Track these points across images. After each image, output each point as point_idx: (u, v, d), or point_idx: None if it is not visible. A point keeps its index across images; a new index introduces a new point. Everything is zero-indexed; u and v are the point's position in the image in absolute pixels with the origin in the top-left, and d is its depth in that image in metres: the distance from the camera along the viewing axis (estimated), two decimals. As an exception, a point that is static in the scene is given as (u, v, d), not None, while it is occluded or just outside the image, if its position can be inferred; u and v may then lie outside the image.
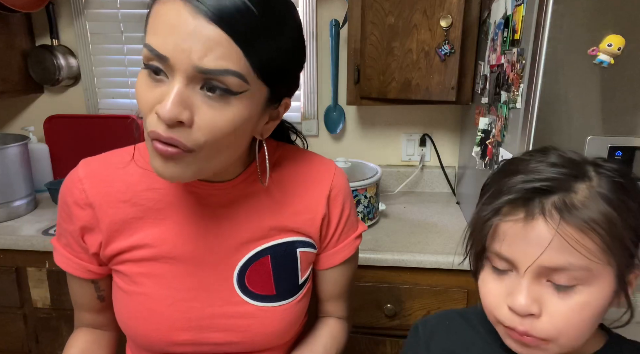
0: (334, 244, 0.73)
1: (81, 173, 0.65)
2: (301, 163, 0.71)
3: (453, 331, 0.62)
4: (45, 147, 1.65)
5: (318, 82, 1.63)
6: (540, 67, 0.79)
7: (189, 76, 0.49)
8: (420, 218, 1.41)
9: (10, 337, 1.35)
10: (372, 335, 1.22)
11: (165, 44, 0.48)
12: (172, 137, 0.50)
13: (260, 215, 0.67)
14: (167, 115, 0.48)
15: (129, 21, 1.65)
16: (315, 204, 0.69)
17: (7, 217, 1.36)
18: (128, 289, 0.65)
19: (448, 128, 1.63)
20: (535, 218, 0.46)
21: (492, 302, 0.51)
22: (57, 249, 0.69)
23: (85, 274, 0.68)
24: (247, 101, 0.52)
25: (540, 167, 0.49)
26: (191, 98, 0.50)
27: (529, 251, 0.47)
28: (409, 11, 1.25)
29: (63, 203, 0.66)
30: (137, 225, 0.64)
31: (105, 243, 0.65)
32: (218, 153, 0.55)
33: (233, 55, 0.49)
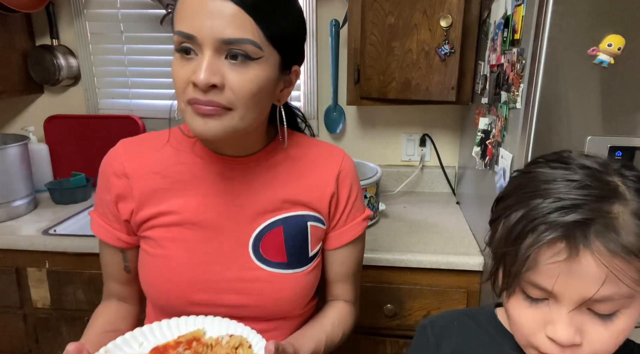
0: (343, 223, 0.79)
1: (120, 149, 0.75)
2: (313, 147, 0.80)
3: (462, 331, 0.62)
4: (45, 147, 1.65)
5: (318, 82, 1.63)
6: (540, 67, 0.79)
7: (214, 48, 0.59)
8: (420, 218, 1.41)
9: (10, 337, 1.35)
10: (372, 335, 1.22)
11: (192, 26, 0.59)
12: (210, 100, 0.60)
13: (275, 189, 0.75)
14: (203, 80, 0.59)
15: (129, 21, 1.65)
16: (324, 182, 0.77)
17: (7, 217, 1.36)
18: (154, 252, 0.73)
19: (448, 128, 1.63)
20: (581, 253, 0.44)
21: (526, 329, 0.49)
22: (94, 218, 0.78)
23: (116, 242, 0.76)
24: (263, 65, 0.63)
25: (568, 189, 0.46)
26: (219, 66, 0.60)
27: (573, 285, 0.45)
28: (409, 11, 1.25)
29: (103, 174, 0.75)
30: (165, 195, 0.73)
31: (137, 210, 0.73)
32: (249, 112, 0.64)
33: (247, 26, 0.59)
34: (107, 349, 0.64)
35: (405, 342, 1.21)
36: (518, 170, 0.55)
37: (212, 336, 0.66)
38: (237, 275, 0.73)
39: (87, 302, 1.28)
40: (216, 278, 0.72)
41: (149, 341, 0.67)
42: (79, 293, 1.28)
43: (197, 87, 0.60)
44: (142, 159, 0.74)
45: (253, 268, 0.73)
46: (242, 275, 0.73)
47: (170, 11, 1.48)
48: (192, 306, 0.72)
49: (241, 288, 0.72)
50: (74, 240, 1.23)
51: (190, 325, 0.68)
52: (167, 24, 1.53)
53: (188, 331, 0.68)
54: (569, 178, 0.47)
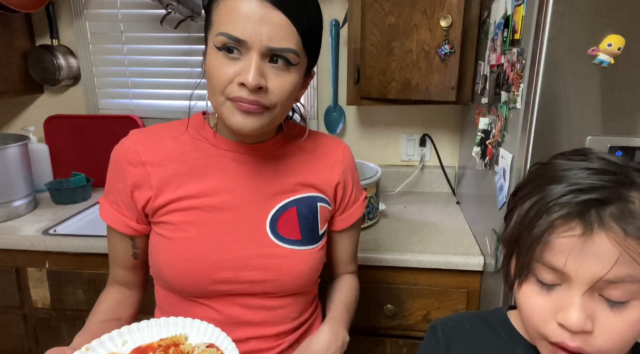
0: (350, 206, 0.88)
1: (133, 138, 0.77)
2: (316, 137, 0.87)
3: (474, 334, 0.61)
4: (45, 147, 1.65)
5: (318, 82, 1.63)
6: (540, 67, 0.79)
7: (261, 53, 0.64)
8: (420, 218, 1.41)
9: (10, 337, 1.35)
10: (372, 335, 1.22)
11: (243, 31, 0.63)
12: (255, 100, 0.66)
13: (287, 173, 0.81)
14: (253, 82, 0.64)
15: (129, 21, 1.65)
16: (330, 168, 0.84)
17: (7, 217, 1.36)
18: (173, 236, 0.75)
19: (448, 128, 1.63)
20: (596, 232, 0.44)
21: (537, 318, 0.49)
22: (104, 205, 0.79)
23: (126, 229, 0.78)
24: (298, 70, 0.70)
25: (586, 174, 0.46)
26: (264, 69, 0.66)
27: (588, 265, 0.44)
28: (409, 11, 1.25)
29: (116, 164, 0.77)
30: (183, 180, 0.76)
31: (155, 196, 0.76)
32: (283, 110, 0.71)
33: (292, 36, 0.65)
34: (88, 347, 0.64)
35: (405, 342, 1.21)
36: (537, 162, 0.55)
37: (191, 343, 0.68)
38: (257, 252, 0.77)
39: (87, 302, 1.28)
40: (237, 256, 0.76)
41: (134, 340, 0.68)
42: (79, 293, 1.28)
43: (244, 86, 0.64)
44: (158, 147, 0.77)
45: (271, 245, 0.77)
46: (262, 251, 0.77)
47: (170, 11, 1.48)
48: (216, 285, 0.76)
49: (261, 264, 0.76)
50: (74, 240, 1.23)
51: (179, 327, 0.70)
52: (168, 24, 1.53)
53: (173, 333, 0.69)
54: (587, 166, 0.47)
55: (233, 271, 0.76)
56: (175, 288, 0.78)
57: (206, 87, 0.71)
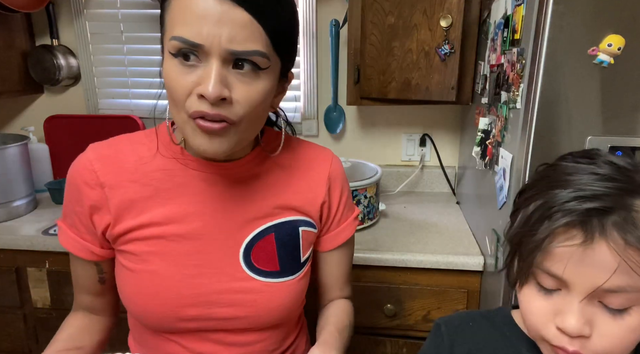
0: (336, 225, 0.78)
1: (90, 155, 0.69)
2: (300, 149, 0.77)
3: (478, 332, 0.61)
4: (45, 147, 1.65)
5: (318, 82, 1.63)
6: (540, 67, 0.79)
7: (222, 58, 0.55)
8: (420, 218, 1.41)
9: (10, 337, 1.35)
10: (372, 335, 1.22)
11: (199, 33, 0.54)
12: (218, 113, 0.56)
13: (264, 194, 0.72)
14: (213, 93, 0.54)
15: (129, 21, 1.65)
16: (315, 186, 0.75)
17: (7, 217, 1.36)
18: (135, 267, 0.68)
19: (448, 128, 1.63)
20: (596, 241, 0.44)
21: (537, 320, 0.49)
22: (63, 229, 0.71)
23: (89, 255, 0.71)
24: (270, 74, 0.60)
25: (591, 181, 0.46)
26: (227, 77, 0.56)
27: (587, 274, 0.44)
28: (409, 11, 1.25)
29: (72, 184, 0.69)
30: (145, 205, 0.67)
31: (114, 223, 0.68)
32: (253, 124, 0.62)
33: (257, 36, 0.56)
34: None
35: (405, 342, 1.21)
36: (544, 163, 0.55)
37: None
38: (228, 286, 0.69)
39: (87, 302, 1.28)
40: (206, 290, 0.68)
41: None
42: (79, 293, 1.28)
43: (203, 98, 0.56)
44: (118, 165, 0.68)
45: (245, 279, 0.70)
46: (234, 286, 0.69)
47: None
48: (182, 322, 0.69)
49: (233, 300, 0.69)
50: (74, 240, 1.23)
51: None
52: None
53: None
54: (593, 171, 0.47)
55: (201, 308, 0.68)
56: (141, 321, 0.71)
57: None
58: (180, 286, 0.67)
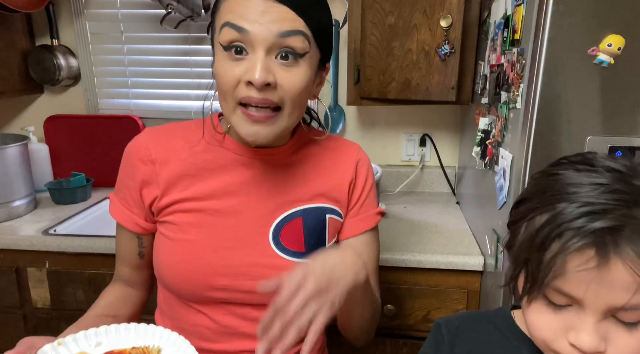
0: (356, 212, 0.82)
1: (146, 136, 0.77)
2: (330, 142, 0.83)
3: (478, 332, 0.61)
4: (45, 147, 1.65)
5: (318, 82, 1.62)
6: (540, 67, 0.79)
7: (268, 47, 0.62)
8: (420, 218, 1.41)
9: (10, 337, 1.35)
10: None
11: (244, 19, 0.61)
12: (264, 98, 0.63)
13: (296, 181, 0.78)
14: (260, 79, 0.61)
15: (129, 21, 1.65)
16: (344, 169, 0.80)
17: (7, 217, 1.36)
18: (175, 236, 0.74)
19: (448, 128, 1.63)
20: (612, 260, 0.43)
21: (547, 335, 0.48)
22: (114, 202, 0.79)
23: (134, 227, 0.78)
24: (308, 61, 0.66)
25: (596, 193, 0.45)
26: (271, 65, 0.63)
27: (603, 294, 0.43)
28: (409, 11, 1.25)
29: (127, 160, 0.77)
30: (190, 181, 0.75)
31: (161, 195, 0.75)
32: (295, 110, 0.68)
33: (299, 22, 0.63)
34: (60, 342, 0.65)
35: (405, 342, 1.21)
36: (540, 171, 0.53)
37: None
38: (257, 260, 0.74)
39: (87, 302, 1.28)
40: (236, 263, 0.74)
41: (109, 342, 0.66)
42: (79, 293, 1.28)
43: (251, 85, 0.62)
44: (169, 145, 0.76)
45: (272, 256, 0.75)
46: (261, 261, 0.74)
47: (170, 11, 1.48)
48: (211, 291, 0.73)
49: (260, 274, 0.74)
50: (74, 240, 1.23)
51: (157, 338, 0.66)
52: (167, 24, 1.53)
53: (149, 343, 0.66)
54: (596, 181, 0.46)
55: (230, 279, 0.73)
56: (173, 290, 0.76)
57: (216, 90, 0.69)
58: (213, 257, 0.73)
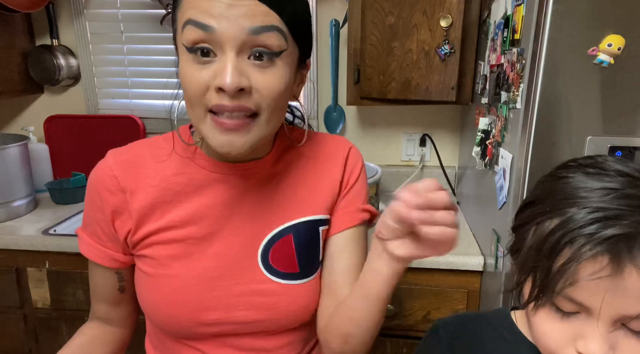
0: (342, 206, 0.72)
1: (110, 161, 0.68)
2: (316, 143, 0.74)
3: (477, 335, 0.60)
4: (45, 147, 1.65)
5: (318, 82, 1.63)
6: (540, 67, 0.79)
7: (237, 46, 0.54)
8: (420, 218, 1.40)
9: (10, 337, 1.35)
10: (372, 335, 1.21)
11: (209, 14, 0.52)
12: (238, 104, 0.55)
13: (282, 194, 0.70)
14: (232, 84, 0.53)
15: (129, 21, 1.65)
16: (333, 170, 0.72)
17: (7, 217, 1.36)
18: (155, 272, 0.67)
19: (448, 128, 1.63)
20: (626, 269, 0.42)
21: (554, 344, 0.47)
22: (83, 238, 0.71)
23: (110, 262, 0.70)
24: (286, 60, 0.58)
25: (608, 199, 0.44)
26: (244, 67, 0.55)
27: (616, 303, 0.43)
28: (409, 11, 1.25)
29: (93, 191, 0.68)
30: (165, 208, 0.67)
31: (135, 228, 0.67)
32: (274, 116, 0.60)
33: (272, 17, 0.55)
34: None
35: (405, 342, 1.21)
36: (548, 174, 0.53)
37: None
38: (248, 288, 0.67)
39: (87, 302, 1.27)
40: (225, 293, 0.67)
41: None
42: (79, 293, 1.28)
43: (222, 91, 0.54)
44: (138, 170, 0.67)
45: (263, 281, 0.68)
46: (253, 288, 0.68)
47: (170, 11, 1.48)
48: (202, 327, 0.67)
49: (253, 303, 0.67)
50: (74, 240, 1.23)
51: None
52: (168, 24, 1.53)
53: None
54: (608, 186, 0.45)
55: (221, 312, 0.67)
56: (161, 328, 0.70)
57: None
58: (200, 290, 0.66)
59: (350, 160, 0.74)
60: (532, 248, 0.48)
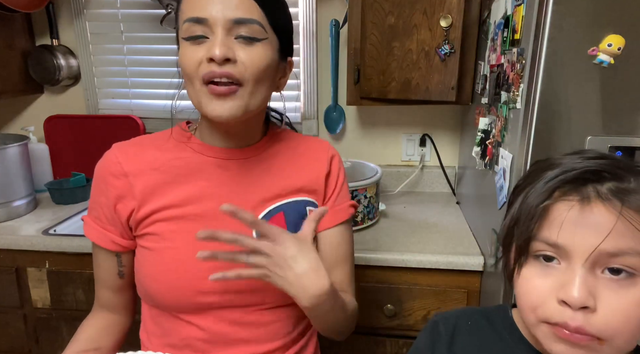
0: (331, 205, 0.83)
1: (115, 150, 0.76)
2: (301, 139, 0.85)
3: (476, 332, 0.60)
4: (45, 147, 1.65)
5: (318, 82, 1.63)
6: (540, 67, 0.79)
7: (225, 28, 0.65)
8: (420, 218, 1.41)
9: (10, 337, 1.35)
10: (372, 335, 1.22)
11: (204, 11, 0.65)
12: (225, 71, 0.65)
13: (273, 177, 0.79)
14: (220, 54, 0.64)
15: (129, 21, 1.65)
16: (319, 164, 0.82)
17: (7, 217, 1.36)
18: (158, 246, 0.74)
19: (448, 128, 1.63)
20: (593, 202, 0.44)
21: (536, 299, 0.48)
22: (87, 222, 0.78)
23: (110, 245, 0.76)
24: (268, 45, 0.69)
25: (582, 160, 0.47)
26: (230, 44, 0.66)
27: (588, 236, 0.44)
28: (409, 11, 1.25)
29: (99, 177, 0.76)
30: (166, 189, 0.74)
31: (138, 207, 0.74)
32: (257, 90, 0.69)
33: (254, 10, 0.67)
34: None
35: (405, 342, 1.21)
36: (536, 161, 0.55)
37: None
38: None
39: (87, 302, 1.28)
40: (222, 264, 0.71)
41: None
42: (79, 293, 1.28)
43: (212, 61, 0.64)
44: (140, 157, 0.76)
45: None
46: None
47: (170, 11, 1.48)
48: (200, 296, 0.73)
49: None
50: (74, 240, 1.23)
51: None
52: (167, 24, 1.53)
53: None
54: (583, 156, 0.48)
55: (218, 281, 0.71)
56: (160, 302, 0.75)
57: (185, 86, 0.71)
58: (199, 260, 0.70)
59: (335, 160, 0.84)
60: (513, 212, 0.51)
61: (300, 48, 1.58)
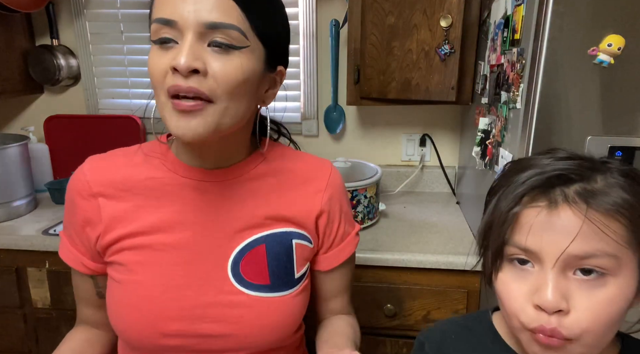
0: (339, 242, 0.75)
1: (85, 167, 0.69)
2: (297, 159, 0.74)
3: (459, 345, 0.60)
4: (45, 147, 1.65)
5: (318, 82, 1.63)
6: (540, 67, 0.79)
7: (197, 32, 0.55)
8: (420, 218, 1.41)
9: (10, 337, 1.35)
10: (372, 335, 1.21)
11: (173, 11, 0.55)
12: (191, 86, 0.55)
13: (257, 204, 0.69)
14: (184, 64, 0.53)
15: (129, 21, 1.65)
16: (311, 198, 0.71)
17: (7, 217, 1.36)
18: (122, 278, 0.66)
19: (448, 128, 1.63)
20: (560, 206, 0.45)
21: (515, 305, 0.49)
22: (62, 240, 0.72)
23: (81, 267, 0.71)
24: (249, 55, 0.58)
25: (552, 161, 0.48)
26: (201, 52, 0.56)
27: (555, 240, 0.45)
28: (409, 11, 1.25)
29: (68, 197, 0.69)
30: (136, 214, 0.66)
31: (104, 232, 0.66)
32: (232, 105, 0.58)
33: (233, 12, 0.56)
34: None
35: (405, 342, 1.21)
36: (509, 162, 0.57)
37: None
38: (214, 299, 0.65)
39: (87, 302, 1.28)
40: (190, 304, 0.64)
41: None
42: (79, 293, 1.28)
43: (177, 72, 0.55)
44: (111, 176, 0.67)
45: (232, 292, 0.66)
46: (220, 299, 0.65)
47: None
48: (165, 339, 0.64)
49: (219, 315, 0.65)
50: (74, 240, 1.23)
51: None
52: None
53: None
54: (553, 156, 0.50)
55: (185, 323, 0.64)
56: (124, 339, 0.68)
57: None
58: (164, 298, 0.64)
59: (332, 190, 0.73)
60: (486, 217, 0.52)
61: (300, 48, 1.58)
